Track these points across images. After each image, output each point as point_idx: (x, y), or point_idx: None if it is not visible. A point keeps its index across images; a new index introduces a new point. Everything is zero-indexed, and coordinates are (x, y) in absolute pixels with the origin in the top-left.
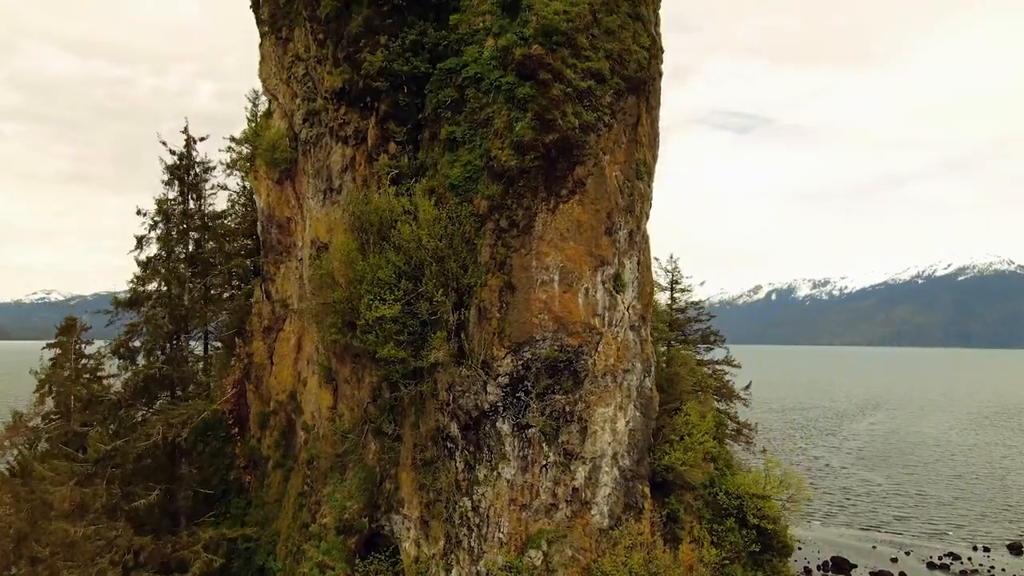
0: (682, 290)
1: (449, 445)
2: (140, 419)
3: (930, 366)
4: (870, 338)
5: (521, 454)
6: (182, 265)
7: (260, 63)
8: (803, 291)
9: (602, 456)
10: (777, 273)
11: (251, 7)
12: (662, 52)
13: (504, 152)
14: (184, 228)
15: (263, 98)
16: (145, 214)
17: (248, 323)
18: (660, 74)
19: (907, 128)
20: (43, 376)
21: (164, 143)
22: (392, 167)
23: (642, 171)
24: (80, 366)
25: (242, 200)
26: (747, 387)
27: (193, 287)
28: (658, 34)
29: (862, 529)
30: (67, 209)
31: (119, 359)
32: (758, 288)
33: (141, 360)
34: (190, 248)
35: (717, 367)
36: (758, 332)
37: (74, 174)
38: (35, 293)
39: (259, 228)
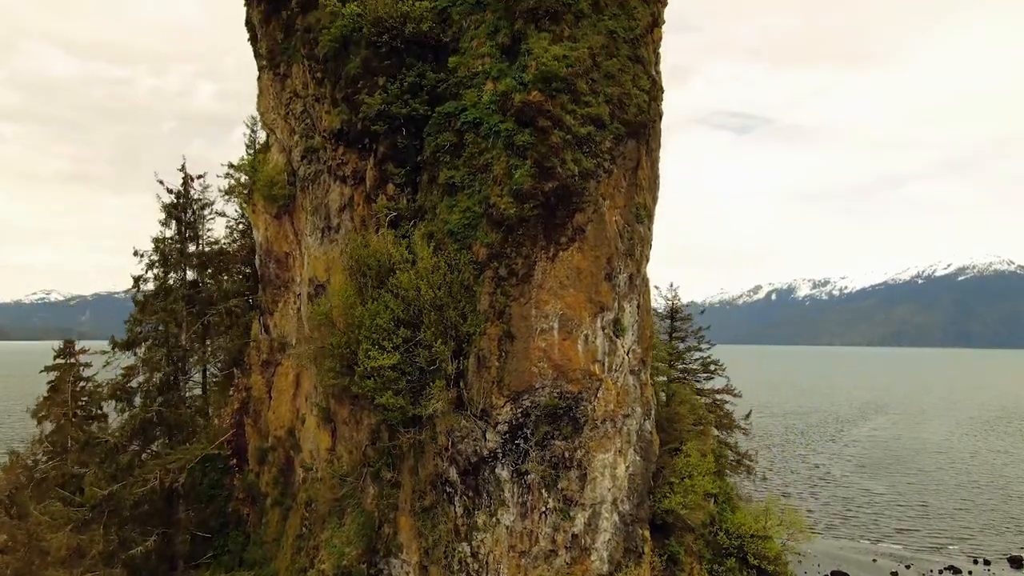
0: (682, 319)
1: (448, 490)
2: (137, 462)
3: (930, 367)
4: (870, 338)
5: (520, 500)
6: (180, 305)
7: (259, 96)
8: (803, 291)
9: (602, 502)
10: (777, 273)
11: (249, 40)
12: (662, 92)
13: (503, 200)
14: (182, 267)
15: (260, 123)
16: (143, 255)
17: (246, 355)
18: (660, 115)
19: (907, 128)
20: (41, 401)
21: (161, 182)
22: (391, 209)
23: (642, 215)
24: (78, 388)
25: (240, 227)
26: (747, 416)
27: (191, 325)
28: (658, 73)
29: (863, 541)
30: (67, 209)
31: (116, 401)
32: (758, 288)
33: (138, 401)
34: (188, 288)
35: (717, 396)
36: (758, 332)
37: (74, 174)
38: (35, 293)
39: (257, 261)
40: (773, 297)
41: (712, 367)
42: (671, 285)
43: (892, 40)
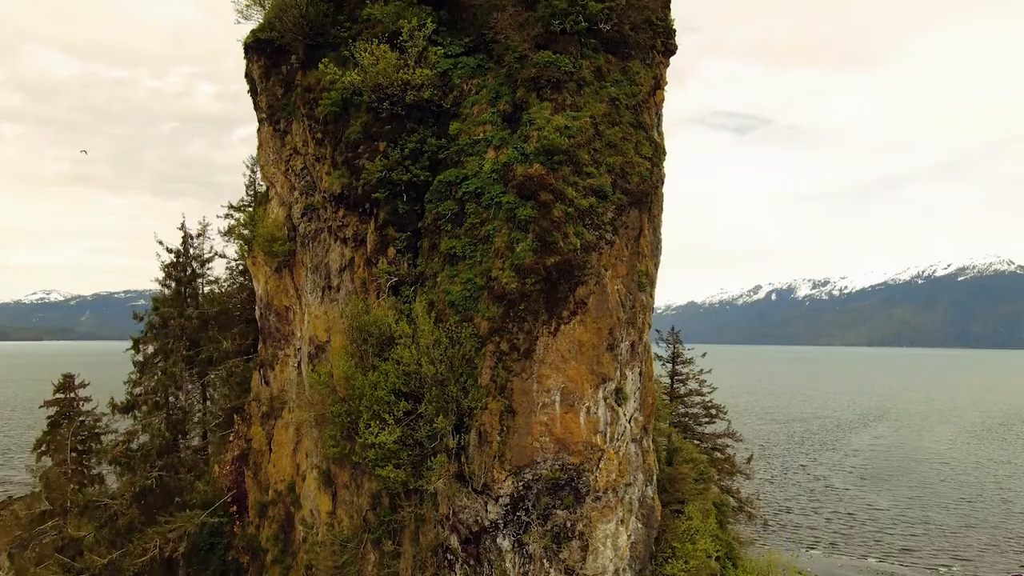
0: (684, 362)
1: (449, 557)
2: (137, 525)
3: (931, 369)
4: (870, 338)
5: (522, 570)
6: (179, 367)
7: (258, 148)
8: (803, 291)
9: (603, 572)
10: (777, 273)
11: (248, 92)
12: (664, 155)
13: (505, 274)
14: (180, 327)
15: (260, 174)
16: (142, 318)
17: (246, 405)
18: (662, 180)
19: (906, 129)
20: (41, 436)
21: (160, 242)
22: (391, 274)
23: (644, 282)
24: (79, 423)
25: (240, 267)
26: (749, 460)
27: (190, 387)
28: (660, 134)
29: (865, 559)
30: (67, 210)
31: (116, 465)
32: (758, 288)
33: (138, 463)
34: (187, 349)
35: (718, 440)
36: (758, 332)
37: (74, 175)
38: (35, 293)
39: (257, 313)
40: (773, 297)
41: (714, 411)
42: (672, 329)
43: (891, 42)
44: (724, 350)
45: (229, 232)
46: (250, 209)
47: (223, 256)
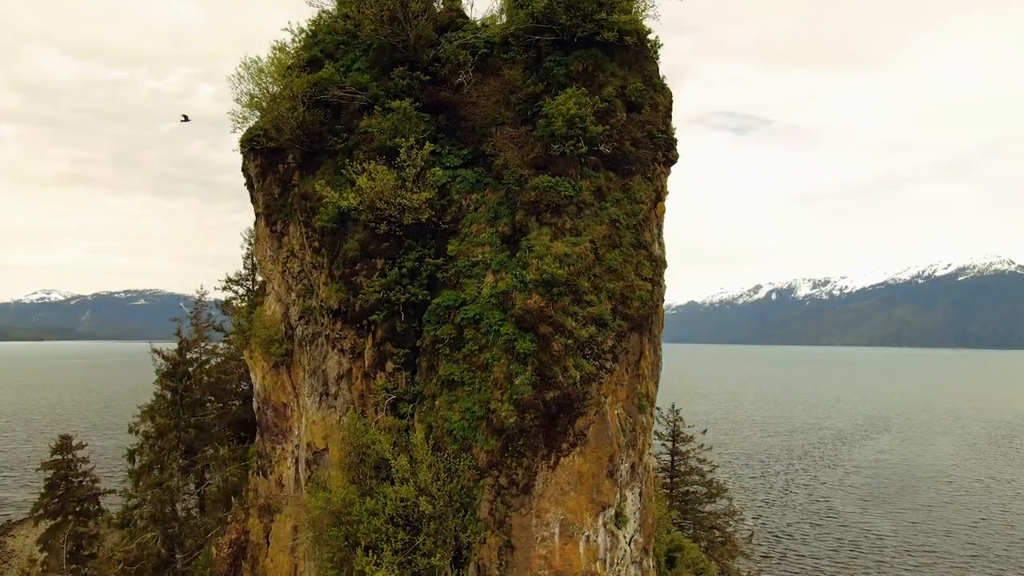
0: (684, 439)
1: None
2: None
3: (932, 371)
4: (870, 338)
5: None
6: (175, 480)
7: (256, 242)
8: (803, 291)
9: None
10: (777, 273)
11: (245, 185)
12: (665, 267)
13: (504, 407)
14: (177, 438)
15: (258, 269)
16: (138, 432)
17: (244, 494)
18: (662, 298)
19: (906, 129)
20: (39, 499)
21: (158, 351)
22: (390, 390)
23: (644, 404)
24: (77, 482)
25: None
26: (750, 539)
27: (187, 496)
28: (662, 245)
29: None
30: (67, 210)
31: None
32: (758, 288)
33: None
34: (183, 459)
35: (718, 519)
36: (758, 332)
37: (74, 175)
38: (35, 293)
39: (255, 405)
40: (773, 297)
41: (715, 489)
42: (672, 407)
43: (891, 42)
44: (724, 350)
45: (226, 305)
46: (246, 300)
47: (220, 329)
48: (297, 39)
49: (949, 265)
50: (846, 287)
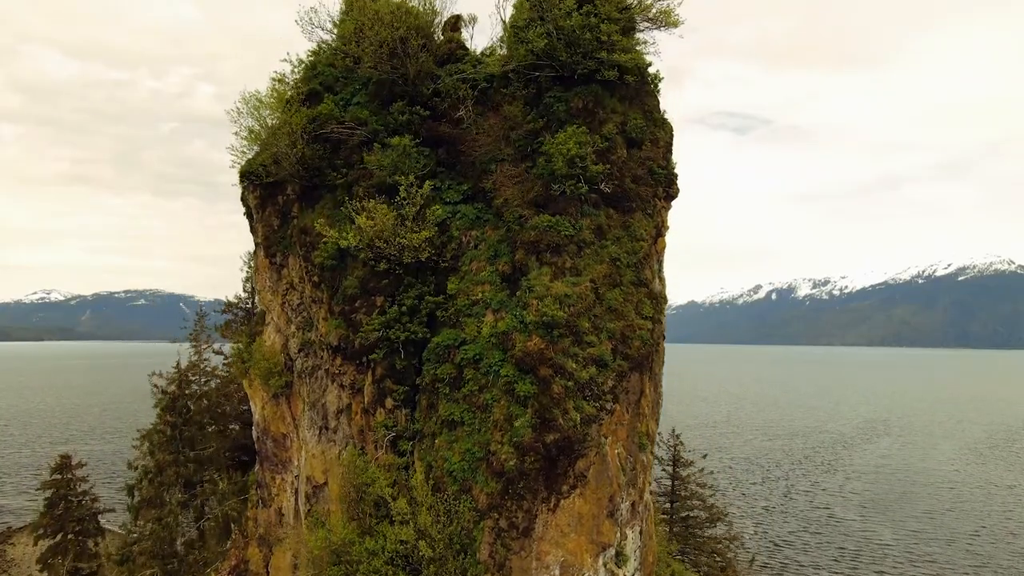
0: (684, 464)
1: None
2: None
3: (933, 371)
4: (870, 338)
5: None
6: (173, 517)
7: (255, 272)
8: (803, 291)
9: None
10: (777, 273)
11: (244, 214)
12: (665, 303)
13: (503, 449)
14: (176, 473)
15: (257, 299)
16: (136, 467)
17: (244, 522)
18: (663, 335)
19: (906, 130)
20: (39, 518)
21: (156, 386)
22: (389, 427)
23: (644, 443)
24: (76, 501)
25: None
26: (751, 563)
27: (186, 531)
28: (662, 280)
29: None
30: (67, 210)
31: None
32: (758, 288)
33: None
34: (183, 493)
35: (719, 544)
36: (758, 332)
37: (74, 175)
38: (35, 293)
39: (254, 434)
40: (773, 297)
41: (716, 513)
42: (673, 431)
43: (891, 42)
44: (725, 350)
45: (226, 328)
46: (246, 325)
47: (219, 353)
48: (296, 70)
49: (949, 265)
50: (846, 287)
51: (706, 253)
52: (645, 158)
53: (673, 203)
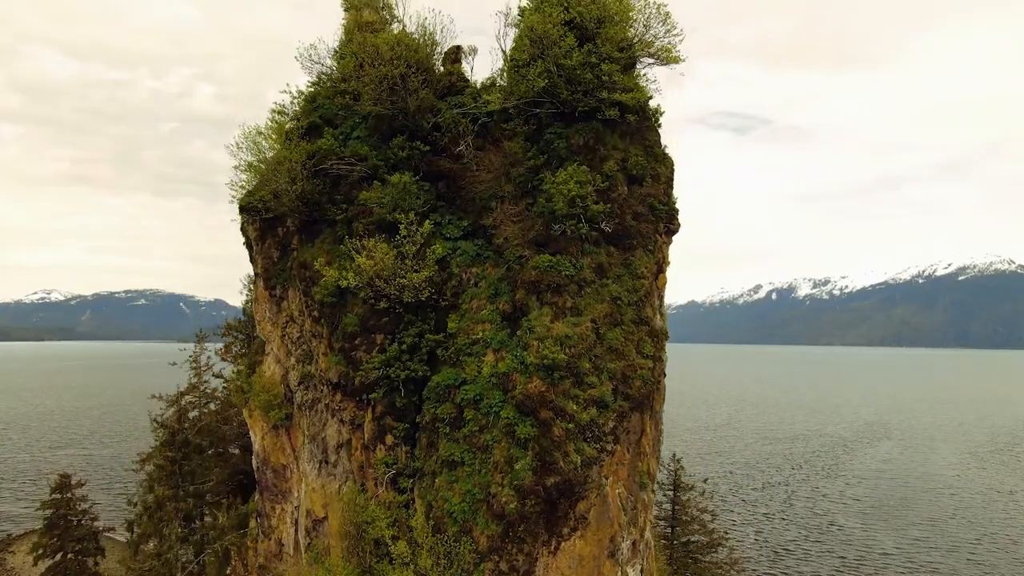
0: (685, 489)
1: None
2: None
3: (933, 372)
4: (870, 338)
5: None
6: (173, 553)
7: (254, 301)
8: (803, 290)
9: None
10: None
11: (244, 244)
12: (666, 338)
13: (504, 491)
14: (176, 509)
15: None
16: (135, 504)
17: (243, 550)
18: (664, 373)
19: (905, 130)
20: (38, 538)
21: (155, 420)
22: (390, 465)
23: (645, 481)
24: (76, 521)
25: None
26: None
27: (187, 565)
28: (663, 315)
29: None
30: (67, 210)
31: None
32: (758, 287)
33: None
34: (182, 528)
35: (718, 571)
36: (758, 331)
37: (74, 175)
38: (35, 293)
39: (254, 465)
40: (773, 296)
41: (717, 538)
42: (674, 456)
43: (891, 42)
44: (725, 350)
45: (226, 351)
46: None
47: (219, 376)
48: (296, 101)
49: (949, 265)
50: (846, 287)
51: (706, 253)
52: (646, 195)
53: (674, 237)
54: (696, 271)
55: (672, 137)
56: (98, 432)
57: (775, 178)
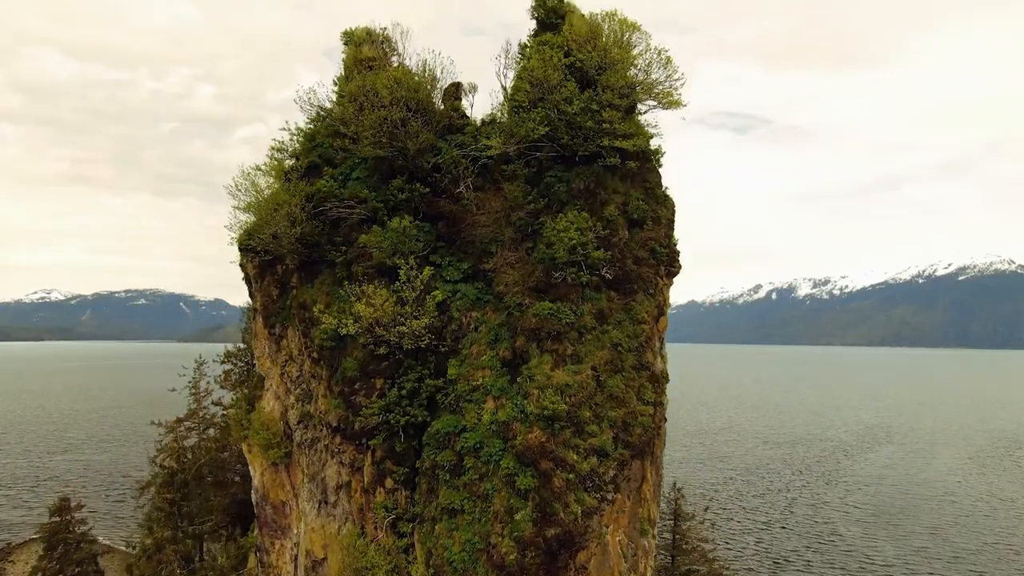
0: (686, 518)
1: None
2: None
3: (933, 373)
4: (870, 338)
5: None
6: None
7: (254, 337)
8: (803, 290)
9: None
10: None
11: (243, 280)
12: (666, 382)
13: (504, 542)
14: (175, 551)
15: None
16: (134, 547)
17: None
18: (664, 418)
19: (906, 129)
20: (37, 561)
21: (154, 460)
22: (389, 509)
23: (646, 528)
24: (75, 543)
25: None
26: None
27: None
28: (663, 358)
29: None
30: (67, 210)
31: None
32: (758, 287)
33: None
34: (181, 572)
35: None
36: (758, 331)
37: (74, 175)
38: (35, 293)
39: (254, 499)
40: (774, 296)
41: (717, 569)
42: (674, 485)
43: (891, 42)
44: (725, 350)
45: (225, 379)
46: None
47: (218, 404)
48: (296, 139)
49: (949, 265)
50: (846, 287)
51: (706, 253)
52: (647, 238)
53: (675, 279)
54: (696, 271)
55: (672, 137)
56: (96, 436)
57: (775, 178)
